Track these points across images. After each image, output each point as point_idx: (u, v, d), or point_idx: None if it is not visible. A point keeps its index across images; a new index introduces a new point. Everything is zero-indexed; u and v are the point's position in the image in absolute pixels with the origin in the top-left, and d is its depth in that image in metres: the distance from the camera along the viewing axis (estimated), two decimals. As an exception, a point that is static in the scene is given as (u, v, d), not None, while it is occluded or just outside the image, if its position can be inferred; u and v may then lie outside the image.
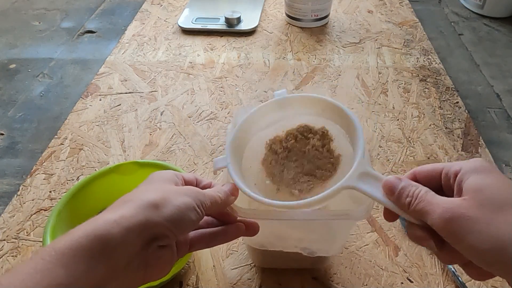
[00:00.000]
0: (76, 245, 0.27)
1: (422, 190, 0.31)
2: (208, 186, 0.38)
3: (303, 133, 0.41)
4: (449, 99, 0.71)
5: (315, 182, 0.39)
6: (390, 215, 0.34)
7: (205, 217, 0.35)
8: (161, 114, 0.68)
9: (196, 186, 0.38)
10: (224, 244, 0.49)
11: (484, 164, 0.30)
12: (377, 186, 0.33)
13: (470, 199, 0.28)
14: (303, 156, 0.40)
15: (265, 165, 0.40)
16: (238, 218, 0.38)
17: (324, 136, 0.40)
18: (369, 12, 0.94)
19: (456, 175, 0.30)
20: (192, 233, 0.36)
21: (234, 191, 0.37)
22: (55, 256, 0.27)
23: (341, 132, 0.39)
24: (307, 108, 0.41)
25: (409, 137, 0.63)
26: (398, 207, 0.32)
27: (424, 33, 0.87)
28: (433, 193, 0.30)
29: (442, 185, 0.32)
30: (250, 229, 0.38)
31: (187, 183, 0.37)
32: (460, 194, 0.30)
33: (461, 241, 0.28)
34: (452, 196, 0.30)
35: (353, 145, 0.37)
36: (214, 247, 0.46)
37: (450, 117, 0.67)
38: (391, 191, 0.32)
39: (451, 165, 0.32)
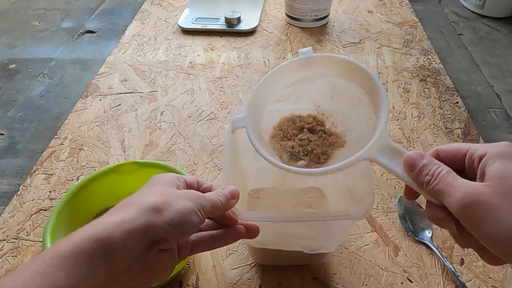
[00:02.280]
0: (77, 248, 0.27)
1: (444, 170, 0.30)
2: (209, 188, 0.38)
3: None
4: (449, 99, 0.71)
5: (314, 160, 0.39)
6: (410, 193, 0.33)
7: (206, 220, 0.35)
8: (161, 114, 0.68)
9: (198, 188, 0.38)
10: (224, 244, 0.49)
11: (511, 149, 0.29)
12: (398, 160, 0.32)
13: (492, 185, 0.27)
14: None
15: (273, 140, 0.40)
16: (238, 220, 0.38)
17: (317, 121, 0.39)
18: (369, 12, 0.94)
19: (480, 159, 0.29)
20: (193, 236, 0.36)
21: (235, 194, 0.37)
22: (57, 259, 0.27)
23: (365, 98, 0.38)
24: (331, 69, 0.39)
25: (409, 137, 0.63)
26: (416, 184, 0.31)
27: (424, 33, 0.87)
28: (455, 174, 0.30)
29: (465, 166, 0.31)
30: (250, 232, 0.38)
31: (188, 185, 0.37)
32: (482, 178, 0.29)
33: (479, 228, 0.27)
34: (474, 179, 0.30)
35: (376, 112, 0.36)
36: (214, 248, 0.46)
37: (450, 117, 0.67)
38: (411, 167, 0.31)
39: (476, 147, 0.30)
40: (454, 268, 0.46)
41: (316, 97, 0.41)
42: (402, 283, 0.46)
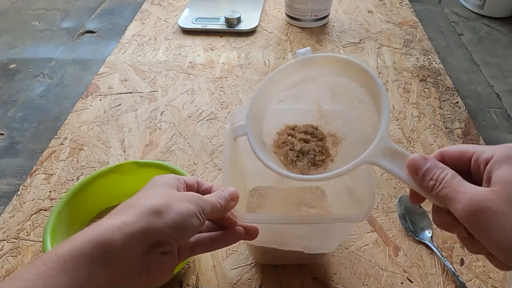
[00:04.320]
0: (78, 251, 0.27)
1: (449, 174, 0.29)
2: (209, 189, 0.39)
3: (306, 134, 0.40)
4: (449, 99, 0.71)
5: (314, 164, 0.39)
6: (416, 197, 0.32)
7: (205, 222, 0.36)
8: (161, 114, 0.68)
9: (197, 189, 0.38)
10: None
11: None
12: (400, 163, 0.31)
13: (499, 191, 0.27)
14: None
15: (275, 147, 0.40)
16: (238, 222, 0.38)
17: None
18: (369, 12, 0.94)
19: (487, 162, 0.29)
20: (192, 238, 0.36)
21: (234, 196, 0.37)
22: (57, 262, 0.27)
23: (361, 99, 0.37)
24: (331, 69, 0.38)
25: (409, 137, 0.63)
26: (421, 188, 0.30)
27: (424, 33, 0.87)
28: (460, 178, 0.29)
29: (471, 169, 0.30)
30: (250, 233, 0.38)
31: (188, 187, 0.37)
32: (489, 183, 0.28)
33: (485, 235, 0.26)
34: (480, 183, 0.29)
35: (377, 110, 0.35)
36: (214, 248, 0.46)
37: (450, 117, 0.67)
38: (415, 171, 0.30)
39: (482, 150, 0.30)
40: (454, 268, 0.46)
41: (317, 96, 0.41)
42: (402, 283, 0.46)
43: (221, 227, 0.39)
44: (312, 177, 0.34)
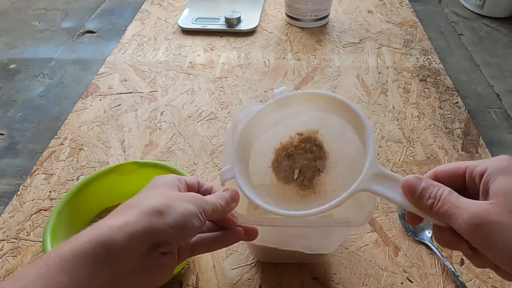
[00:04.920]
0: (79, 251, 0.27)
1: (445, 191, 0.29)
2: (210, 189, 0.39)
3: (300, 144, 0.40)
4: (449, 99, 0.71)
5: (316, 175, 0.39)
6: (413, 219, 0.32)
7: None
8: (161, 114, 0.68)
9: (198, 189, 0.38)
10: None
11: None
12: (394, 187, 0.31)
13: (499, 203, 0.27)
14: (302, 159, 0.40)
15: (273, 167, 0.40)
16: (238, 223, 0.38)
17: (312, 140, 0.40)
18: (369, 12, 0.94)
19: (481, 176, 0.29)
20: (193, 238, 0.36)
21: (235, 197, 0.37)
22: (59, 262, 0.27)
23: (347, 128, 0.37)
24: (310, 105, 0.39)
25: (409, 137, 0.63)
26: (419, 209, 0.30)
27: (424, 33, 0.87)
28: (457, 194, 0.29)
29: (466, 185, 0.30)
30: (249, 234, 0.39)
31: (189, 187, 0.37)
32: (486, 196, 0.28)
33: (491, 248, 0.26)
34: (477, 197, 0.29)
35: (362, 141, 0.36)
36: (214, 248, 0.46)
37: (450, 117, 0.67)
38: (411, 192, 0.30)
39: (475, 164, 0.30)
40: (454, 268, 0.46)
41: (306, 124, 0.41)
42: (402, 283, 0.46)
43: (221, 227, 0.39)
44: (306, 213, 0.34)
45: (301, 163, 0.39)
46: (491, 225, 0.26)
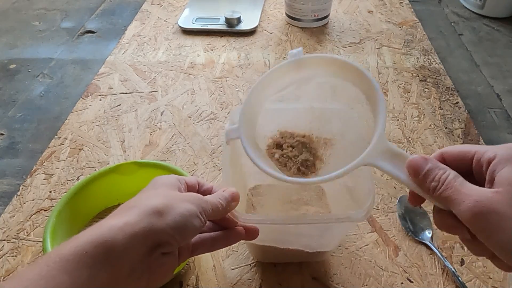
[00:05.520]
0: (80, 252, 0.27)
1: (451, 174, 0.29)
2: (210, 189, 0.39)
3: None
4: (449, 99, 0.70)
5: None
6: (415, 199, 0.31)
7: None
8: (161, 114, 0.68)
9: (198, 189, 0.38)
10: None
11: None
12: (400, 165, 0.31)
13: (503, 192, 0.26)
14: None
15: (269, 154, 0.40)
16: (238, 222, 0.38)
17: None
18: (369, 12, 0.94)
19: (489, 163, 0.28)
20: (193, 238, 0.36)
21: (235, 197, 0.37)
22: (60, 262, 0.27)
23: (361, 97, 0.36)
24: (325, 69, 0.38)
25: (409, 137, 0.63)
26: (422, 190, 0.30)
27: (424, 33, 0.87)
28: (462, 179, 0.28)
29: (472, 170, 0.30)
30: (250, 233, 0.39)
31: (189, 187, 0.37)
32: (492, 184, 0.28)
33: (490, 238, 0.26)
34: (482, 183, 0.28)
35: (373, 111, 0.35)
36: (214, 248, 0.46)
37: (450, 117, 0.67)
38: (416, 172, 0.30)
39: (484, 150, 0.29)
40: (454, 268, 0.46)
41: (315, 96, 0.40)
42: (402, 283, 0.46)
43: (221, 227, 0.39)
44: (309, 180, 0.34)
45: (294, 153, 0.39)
46: (492, 214, 0.26)
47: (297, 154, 0.39)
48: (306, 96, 0.40)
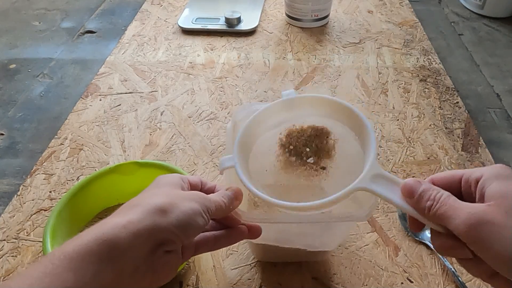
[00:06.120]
0: (84, 250, 0.28)
1: (444, 194, 0.30)
2: (212, 188, 0.39)
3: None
4: (449, 99, 0.71)
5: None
6: (415, 225, 0.32)
7: None
8: (161, 114, 0.68)
9: (201, 189, 0.38)
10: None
11: (507, 170, 0.30)
12: (393, 189, 0.32)
13: (495, 205, 0.27)
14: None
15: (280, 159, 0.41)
16: (241, 221, 0.38)
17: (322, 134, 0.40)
18: (369, 12, 0.94)
19: (477, 182, 0.29)
20: (196, 237, 0.36)
21: (238, 195, 0.37)
22: (64, 260, 0.27)
23: (350, 134, 0.38)
24: (316, 109, 0.40)
25: (409, 137, 0.63)
26: (417, 211, 0.31)
27: (424, 33, 0.87)
28: (455, 197, 0.30)
29: (462, 192, 0.31)
30: (253, 232, 0.39)
31: (192, 186, 0.38)
32: (482, 199, 0.29)
33: (488, 249, 0.27)
34: (473, 202, 0.29)
35: (363, 146, 0.36)
36: (214, 248, 0.46)
37: (450, 117, 0.67)
38: (410, 194, 0.31)
39: (471, 171, 0.31)
40: (454, 268, 0.46)
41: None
42: (402, 283, 0.46)
43: (224, 226, 0.39)
44: (303, 205, 0.34)
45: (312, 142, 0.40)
46: (488, 226, 0.26)
47: (306, 145, 0.40)
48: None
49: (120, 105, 0.70)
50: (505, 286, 0.29)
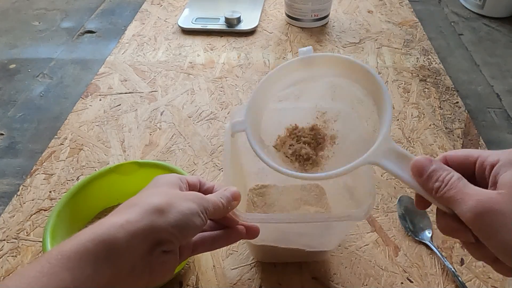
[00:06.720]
0: (82, 249, 0.27)
1: (454, 176, 0.29)
2: (211, 189, 0.39)
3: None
4: (449, 99, 0.71)
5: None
6: (421, 202, 0.32)
7: None
8: (161, 114, 0.68)
9: (200, 189, 0.38)
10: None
11: None
12: (404, 165, 0.31)
13: (506, 194, 0.26)
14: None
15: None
16: (239, 221, 0.38)
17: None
18: (369, 12, 0.94)
19: (492, 166, 0.28)
20: (194, 237, 0.36)
21: (236, 196, 0.37)
22: (61, 259, 0.27)
23: (363, 100, 0.37)
24: (332, 69, 0.38)
25: (409, 137, 0.63)
26: (425, 190, 0.30)
27: (424, 33, 0.87)
28: (466, 181, 0.29)
29: (475, 174, 0.30)
30: (251, 232, 0.39)
31: (191, 186, 0.37)
32: (495, 186, 0.28)
33: (493, 237, 0.26)
34: (485, 187, 0.29)
35: (379, 114, 0.35)
36: (214, 247, 0.46)
37: (450, 117, 0.67)
38: (420, 172, 0.30)
39: (487, 154, 0.29)
40: (454, 268, 0.46)
41: (317, 96, 0.41)
42: (402, 283, 0.46)
43: (222, 226, 0.39)
44: (312, 176, 0.34)
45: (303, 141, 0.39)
46: (495, 214, 0.26)
47: (303, 147, 0.39)
48: (312, 95, 0.40)
49: (120, 105, 0.70)
50: (507, 271, 0.28)
